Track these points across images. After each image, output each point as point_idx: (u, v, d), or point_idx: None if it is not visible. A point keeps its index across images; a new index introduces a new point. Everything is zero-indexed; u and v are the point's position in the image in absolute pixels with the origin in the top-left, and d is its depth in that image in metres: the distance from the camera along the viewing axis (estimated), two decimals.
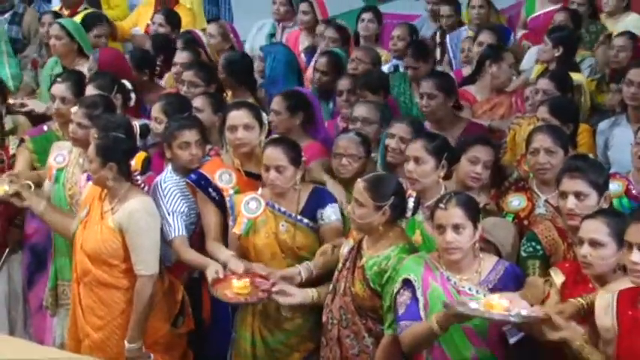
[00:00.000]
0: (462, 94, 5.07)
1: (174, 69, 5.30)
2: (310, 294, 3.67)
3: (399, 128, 4.15)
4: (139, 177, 3.90)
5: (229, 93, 5.17)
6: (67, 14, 6.21)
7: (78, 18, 6.04)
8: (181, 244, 3.98)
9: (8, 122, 4.71)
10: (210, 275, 3.73)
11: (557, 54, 5.24)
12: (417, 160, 3.68)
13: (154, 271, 3.85)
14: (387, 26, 7.31)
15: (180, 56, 5.32)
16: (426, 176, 3.68)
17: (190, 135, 4.08)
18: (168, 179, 4.10)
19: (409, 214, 3.67)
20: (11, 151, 4.65)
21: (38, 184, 4.41)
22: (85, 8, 6.32)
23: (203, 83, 4.91)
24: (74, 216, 4.12)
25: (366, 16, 6.33)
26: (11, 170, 4.52)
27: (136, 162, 3.86)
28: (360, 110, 4.50)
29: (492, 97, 5.16)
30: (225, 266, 3.76)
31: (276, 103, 4.50)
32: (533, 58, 5.70)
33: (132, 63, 5.29)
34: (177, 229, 3.99)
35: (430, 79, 4.74)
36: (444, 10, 6.44)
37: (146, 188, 3.98)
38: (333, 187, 4.01)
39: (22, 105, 5.00)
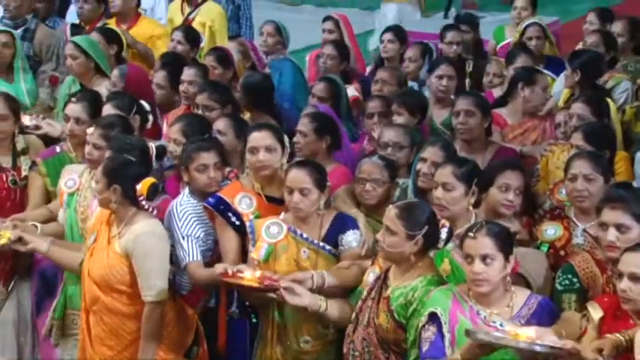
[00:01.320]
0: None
1: (181, 87, 5.28)
2: (319, 302, 3.61)
3: (431, 152, 4.11)
4: (144, 202, 3.85)
5: (247, 114, 5.15)
6: (87, 30, 6.23)
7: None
8: (196, 270, 3.94)
9: (20, 142, 4.69)
10: (219, 267, 3.70)
11: (576, 78, 5.18)
12: (445, 186, 3.64)
13: (162, 296, 3.79)
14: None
15: (187, 73, 5.29)
16: (455, 203, 3.63)
17: (208, 157, 4.04)
18: (185, 203, 4.06)
19: (441, 245, 3.62)
20: (23, 173, 4.63)
21: (50, 219, 4.39)
22: (105, 23, 6.32)
23: (218, 105, 4.87)
24: (81, 248, 4.09)
25: (386, 36, 6.33)
26: (22, 194, 4.51)
27: (141, 187, 3.81)
28: (390, 134, 4.46)
29: (524, 122, 5.10)
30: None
31: (303, 124, 4.46)
32: (563, 83, 5.64)
33: (166, 79, 5.30)
34: (193, 254, 3.95)
35: (468, 96, 4.71)
36: (452, 36, 6.37)
37: (155, 212, 3.92)
38: (364, 230, 3.92)
39: (37, 127, 4.98)
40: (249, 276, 3.63)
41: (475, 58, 6.28)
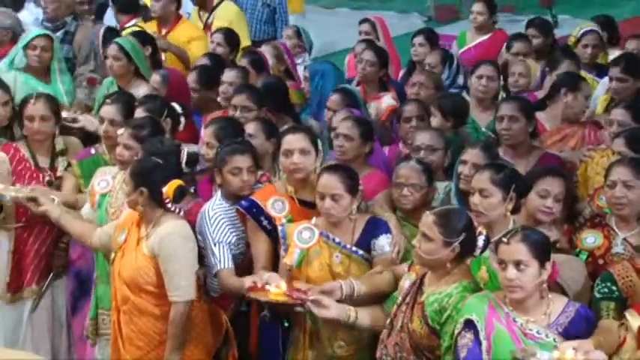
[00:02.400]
0: None
1: (221, 88, 5.28)
2: (348, 312, 3.58)
3: (472, 154, 4.06)
4: (171, 205, 3.85)
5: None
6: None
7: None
8: (227, 277, 3.92)
9: (60, 143, 4.71)
10: (248, 280, 3.69)
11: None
12: (482, 192, 3.59)
13: (188, 297, 3.79)
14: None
15: (228, 75, 5.29)
16: (492, 210, 3.57)
17: (242, 160, 4.03)
18: (217, 207, 4.05)
19: (477, 252, 3.55)
20: (58, 173, 4.65)
21: (74, 207, 4.41)
22: (137, 25, 6.37)
23: (255, 107, 4.88)
24: (95, 224, 4.14)
25: (417, 40, 6.28)
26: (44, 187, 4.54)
27: (167, 189, 3.80)
28: (423, 138, 4.42)
29: (563, 128, 4.99)
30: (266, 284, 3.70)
31: (348, 128, 4.40)
32: (602, 90, 5.56)
33: (199, 81, 5.30)
34: (224, 262, 3.93)
35: (512, 101, 4.64)
36: (518, 47, 6.24)
37: (182, 213, 3.91)
38: (397, 234, 3.90)
39: (74, 120, 5.02)
40: (275, 290, 3.60)
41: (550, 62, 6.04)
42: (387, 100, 5.64)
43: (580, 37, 6.20)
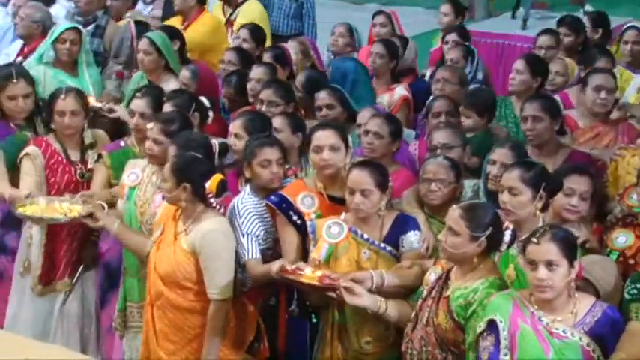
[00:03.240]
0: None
1: (249, 85, 5.26)
2: (379, 302, 3.58)
3: (501, 154, 4.04)
4: (213, 200, 3.86)
5: (303, 112, 5.14)
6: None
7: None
8: (255, 266, 3.94)
9: (88, 137, 4.74)
10: (276, 265, 3.69)
11: None
12: (511, 190, 3.57)
13: (228, 294, 3.79)
14: (480, 46, 7.20)
15: (256, 72, 5.28)
16: (522, 208, 3.56)
17: (271, 153, 4.04)
18: (246, 201, 4.06)
19: (504, 247, 3.55)
20: (89, 166, 4.67)
21: (112, 204, 4.43)
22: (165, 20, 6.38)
23: (282, 102, 4.87)
24: (149, 236, 4.12)
25: (450, 37, 6.25)
26: (89, 188, 4.57)
27: (211, 184, 3.82)
28: (438, 137, 4.40)
29: (596, 125, 4.93)
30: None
31: (378, 125, 4.40)
32: (633, 89, 5.50)
33: (235, 88, 5.30)
34: (252, 252, 3.95)
35: (535, 101, 4.59)
36: (543, 40, 6.25)
37: (222, 210, 3.95)
38: (425, 230, 3.90)
39: (111, 110, 5.04)
40: (309, 273, 3.63)
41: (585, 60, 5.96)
42: (400, 91, 5.63)
43: (621, 34, 6.14)
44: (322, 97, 4.98)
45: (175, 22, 6.46)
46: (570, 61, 5.93)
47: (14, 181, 4.59)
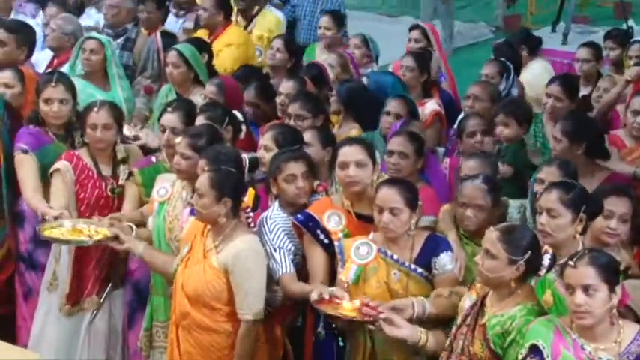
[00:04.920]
0: (610, 138, 4.77)
1: (278, 99, 5.21)
2: (419, 334, 3.50)
3: (549, 172, 3.92)
4: (250, 214, 3.80)
5: (336, 125, 5.07)
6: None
7: None
8: (290, 282, 3.85)
9: (121, 151, 4.67)
10: (315, 294, 3.61)
11: None
12: (550, 212, 3.45)
13: (259, 315, 3.72)
14: None
15: (286, 86, 5.22)
16: (560, 231, 3.44)
17: (296, 167, 3.97)
18: (275, 216, 4.00)
19: (542, 272, 3.43)
20: (120, 181, 4.61)
21: (141, 224, 4.38)
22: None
23: (310, 115, 4.80)
24: (175, 255, 4.05)
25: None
26: (120, 203, 4.53)
27: (248, 198, 3.76)
28: (470, 166, 4.21)
29: None
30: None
31: (402, 144, 4.29)
32: None
33: (256, 91, 5.25)
34: (285, 266, 3.87)
35: (562, 122, 4.50)
36: (582, 53, 6.09)
37: (254, 226, 3.88)
38: (456, 248, 3.78)
39: (136, 138, 4.99)
40: (349, 306, 3.52)
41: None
42: (431, 106, 5.52)
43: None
44: (393, 105, 4.92)
45: (201, 35, 6.45)
46: (619, 77, 5.77)
47: (44, 192, 4.54)
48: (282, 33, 6.70)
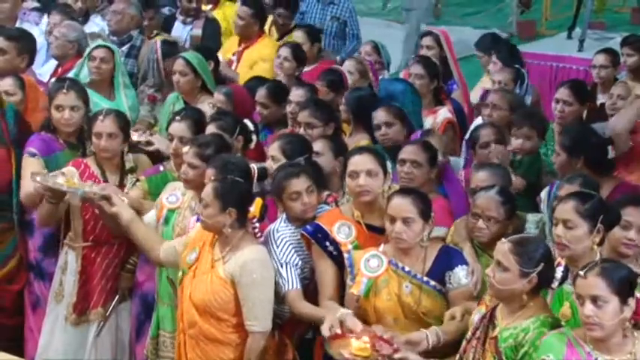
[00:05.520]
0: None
1: (288, 107, 5.18)
2: None
3: (569, 191, 3.77)
4: (257, 224, 3.79)
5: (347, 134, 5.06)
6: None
7: None
8: (296, 299, 3.83)
9: (129, 161, 4.68)
10: (325, 329, 3.56)
11: None
12: (566, 223, 3.41)
13: (267, 327, 3.72)
14: (532, 68, 7.01)
15: (296, 94, 5.20)
16: (577, 242, 3.40)
17: (299, 183, 3.94)
18: (282, 229, 3.98)
19: (555, 284, 3.39)
20: (126, 190, 4.60)
21: (138, 213, 4.35)
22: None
23: (320, 123, 4.77)
24: (160, 236, 4.09)
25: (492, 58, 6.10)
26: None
27: (254, 208, 3.75)
28: (482, 177, 4.17)
29: None
30: (341, 324, 3.58)
31: (415, 153, 4.25)
32: None
33: (269, 96, 5.26)
34: (292, 282, 3.85)
35: (560, 135, 4.49)
36: (598, 59, 6.05)
37: (262, 238, 3.87)
38: (472, 261, 3.75)
39: (148, 143, 4.99)
40: (360, 345, 3.46)
41: None
42: (444, 114, 5.48)
43: None
44: (379, 115, 4.85)
45: (232, 42, 6.45)
46: (632, 84, 5.74)
47: None
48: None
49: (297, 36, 6.28)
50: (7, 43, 5.45)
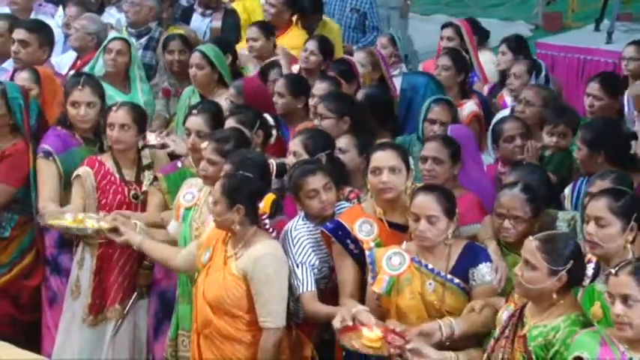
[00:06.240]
0: None
1: (311, 101, 5.14)
2: (449, 358, 3.45)
3: (601, 186, 3.78)
4: (267, 221, 3.78)
5: None
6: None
7: None
8: (310, 301, 3.84)
9: (146, 157, 4.69)
10: (337, 322, 3.57)
11: None
12: (599, 221, 3.38)
13: (280, 323, 3.71)
14: (558, 61, 6.97)
15: (319, 87, 5.17)
16: (610, 241, 3.37)
17: (316, 180, 3.92)
18: (300, 227, 3.97)
19: (586, 282, 3.37)
20: (144, 187, 4.61)
21: (159, 227, 4.41)
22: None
23: (333, 115, 4.72)
24: (177, 248, 4.13)
25: (501, 47, 6.10)
26: (143, 211, 4.56)
27: (264, 204, 3.74)
28: (516, 175, 4.14)
29: None
30: (354, 319, 3.59)
31: (436, 149, 4.23)
32: None
33: (287, 88, 5.25)
34: (307, 284, 3.85)
35: (581, 129, 4.43)
36: (628, 51, 6.01)
37: (274, 233, 3.86)
38: (496, 259, 3.73)
39: (163, 146, 4.97)
40: (372, 335, 3.47)
41: None
42: (470, 107, 5.44)
43: None
44: (437, 110, 4.82)
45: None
46: None
47: (66, 195, 4.61)
48: (340, 41, 6.71)
49: (252, 31, 6.23)
50: (29, 35, 5.52)
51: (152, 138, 4.92)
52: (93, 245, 4.56)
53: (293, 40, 6.38)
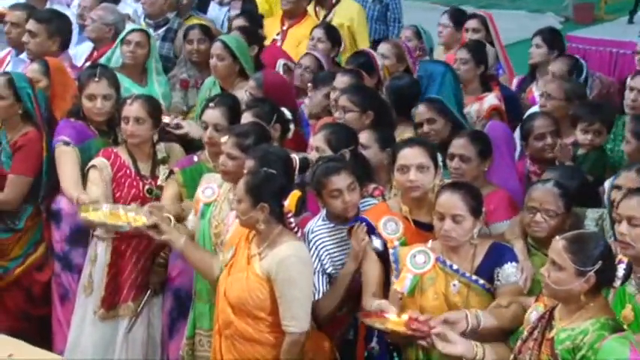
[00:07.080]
0: None
1: (332, 95, 5.13)
2: (475, 349, 3.46)
3: (627, 178, 3.82)
4: (292, 219, 3.79)
5: None
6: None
7: None
8: (325, 307, 3.89)
9: (161, 150, 4.71)
10: (373, 304, 3.61)
11: None
12: (631, 220, 3.37)
13: (305, 327, 3.72)
14: (589, 54, 6.91)
15: (341, 80, 5.14)
16: None
17: (340, 180, 3.93)
18: (319, 227, 4.01)
19: (617, 283, 3.35)
20: (159, 182, 4.65)
21: (181, 219, 4.38)
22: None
23: (357, 109, 4.71)
24: (215, 254, 4.07)
25: (535, 40, 6.03)
26: (157, 202, 4.54)
27: (289, 202, 3.75)
28: (552, 174, 4.14)
29: None
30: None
31: (465, 147, 4.22)
32: None
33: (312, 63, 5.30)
34: (322, 291, 3.91)
35: (631, 121, 4.44)
36: None
37: (299, 233, 3.87)
38: (522, 259, 3.74)
39: (178, 126, 5.02)
40: (395, 319, 3.50)
41: None
42: (490, 100, 5.41)
43: None
44: (420, 111, 4.79)
45: (272, 24, 6.47)
46: None
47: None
48: (365, 22, 6.70)
49: (237, 19, 6.26)
50: (38, 26, 5.55)
51: (166, 118, 4.95)
52: (106, 241, 4.60)
53: (307, 30, 6.36)
